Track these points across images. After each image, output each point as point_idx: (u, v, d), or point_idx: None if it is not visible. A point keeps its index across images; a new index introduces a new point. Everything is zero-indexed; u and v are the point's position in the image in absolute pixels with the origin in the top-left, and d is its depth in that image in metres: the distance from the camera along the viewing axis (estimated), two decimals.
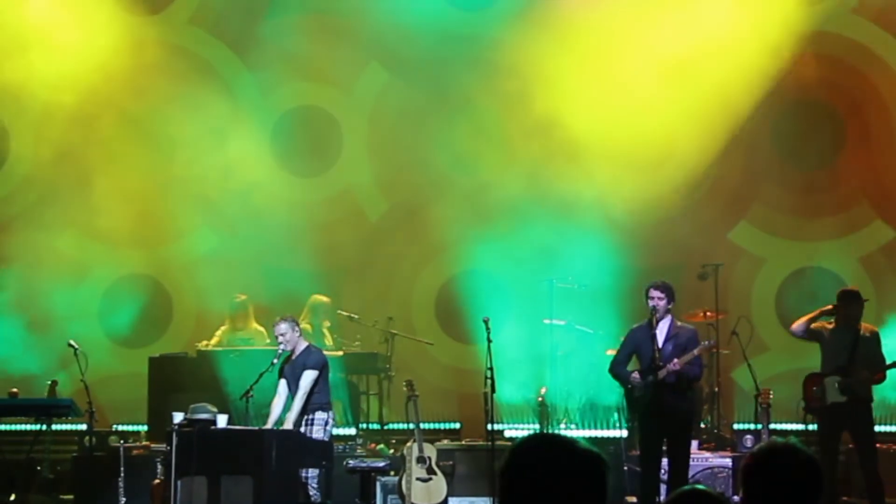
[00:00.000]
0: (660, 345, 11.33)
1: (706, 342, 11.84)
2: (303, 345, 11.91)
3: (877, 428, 12.45)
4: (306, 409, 11.66)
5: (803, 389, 12.17)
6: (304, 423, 11.65)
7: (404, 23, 15.61)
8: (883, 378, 11.97)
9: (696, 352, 11.41)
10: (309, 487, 11.42)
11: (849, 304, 12.07)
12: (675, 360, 11.21)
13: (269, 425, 11.60)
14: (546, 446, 3.48)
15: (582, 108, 15.24)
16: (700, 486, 4.03)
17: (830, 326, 12.08)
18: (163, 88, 15.84)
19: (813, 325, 12.14)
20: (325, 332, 14.60)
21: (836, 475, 11.89)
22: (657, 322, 11.41)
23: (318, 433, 11.63)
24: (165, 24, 16.43)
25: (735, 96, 15.38)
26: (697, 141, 15.64)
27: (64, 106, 16.01)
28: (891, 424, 13.95)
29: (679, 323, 11.69)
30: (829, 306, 12.13)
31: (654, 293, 11.40)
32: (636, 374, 11.42)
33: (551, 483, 3.41)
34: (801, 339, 12.31)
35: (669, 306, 11.48)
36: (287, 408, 11.69)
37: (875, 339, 12.07)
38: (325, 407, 11.76)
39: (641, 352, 11.56)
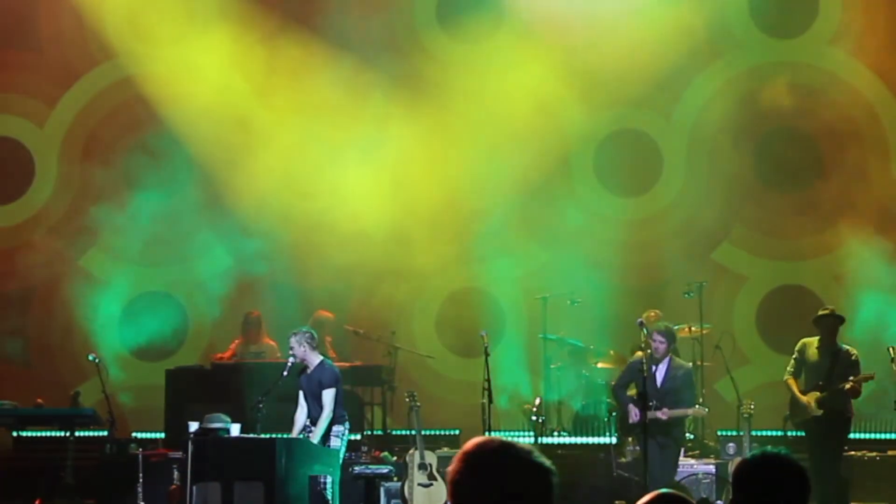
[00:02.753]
0: (658, 384, 12.03)
1: (698, 407, 12.47)
2: (316, 359, 12.08)
3: (851, 435, 12.89)
4: None
5: (790, 404, 12.60)
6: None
7: None
8: (857, 391, 12.34)
9: (689, 412, 12.24)
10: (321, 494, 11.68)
11: (817, 324, 12.60)
12: (665, 410, 11.96)
13: (294, 435, 11.92)
14: (498, 452, 3.39)
15: (578, 126, 15.70)
16: (665, 490, 4.08)
17: (815, 346, 12.49)
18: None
19: (797, 348, 12.62)
20: (328, 345, 14.78)
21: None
22: (657, 363, 12.09)
23: (335, 444, 11.92)
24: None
25: (716, 121, 15.96)
26: (682, 167, 16.26)
27: (86, 129, 16.54)
28: (865, 433, 14.24)
29: (675, 364, 12.33)
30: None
31: (658, 337, 12.11)
32: (635, 415, 12.05)
33: (498, 489, 3.34)
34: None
35: (668, 350, 12.17)
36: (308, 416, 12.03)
37: (852, 359, 12.44)
38: (341, 419, 12.02)
39: (638, 385, 12.19)
